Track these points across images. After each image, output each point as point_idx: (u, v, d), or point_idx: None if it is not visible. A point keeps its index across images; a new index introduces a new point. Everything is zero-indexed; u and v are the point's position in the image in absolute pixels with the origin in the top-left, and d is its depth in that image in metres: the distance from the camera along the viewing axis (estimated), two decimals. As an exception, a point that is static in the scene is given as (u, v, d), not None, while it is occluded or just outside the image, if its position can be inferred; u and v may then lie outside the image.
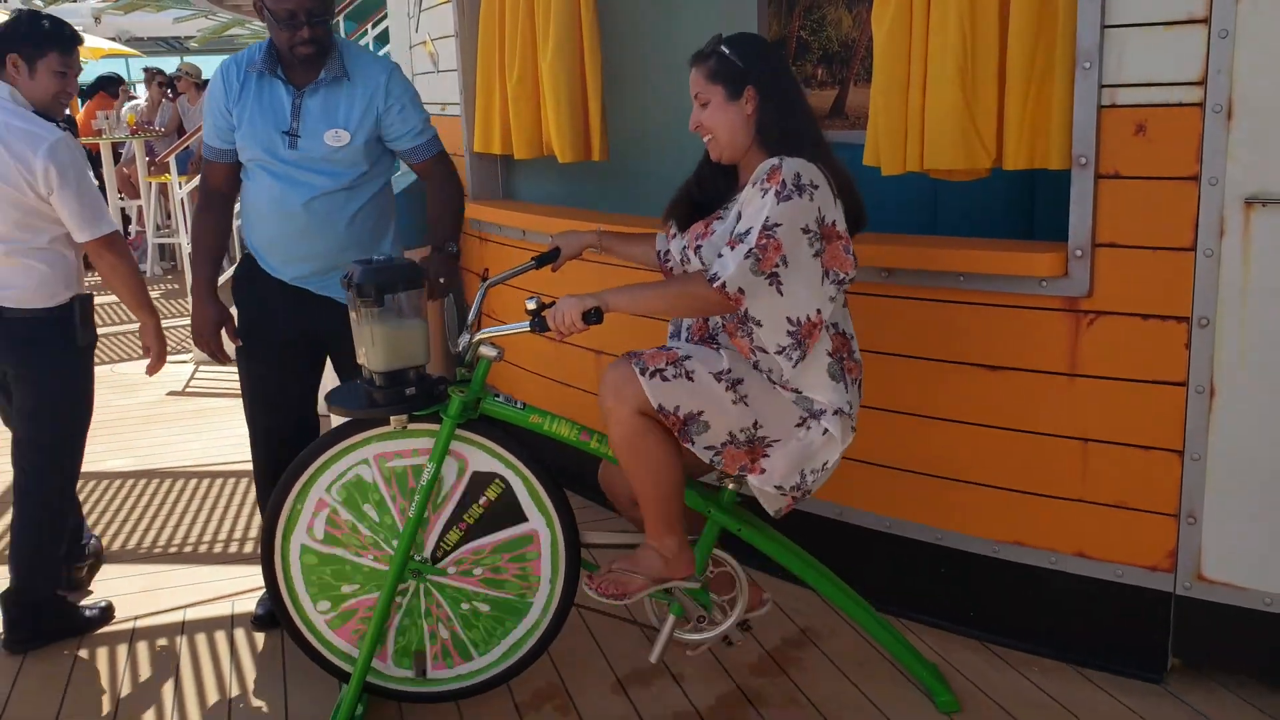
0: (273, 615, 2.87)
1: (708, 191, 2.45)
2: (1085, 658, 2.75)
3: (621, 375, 2.25)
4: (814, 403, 2.26)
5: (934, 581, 2.97)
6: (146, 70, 10.52)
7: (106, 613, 3.16)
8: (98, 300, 3.46)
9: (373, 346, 2.40)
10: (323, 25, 2.78)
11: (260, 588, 2.97)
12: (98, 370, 3.11)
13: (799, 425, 2.26)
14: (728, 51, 2.30)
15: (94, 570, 3.47)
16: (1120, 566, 2.65)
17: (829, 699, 2.66)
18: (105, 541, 3.76)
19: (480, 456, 2.50)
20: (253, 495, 4.16)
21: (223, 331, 2.98)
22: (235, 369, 3.06)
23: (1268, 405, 2.42)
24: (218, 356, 2.99)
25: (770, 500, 2.34)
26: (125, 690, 2.81)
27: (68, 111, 4.12)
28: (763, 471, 2.28)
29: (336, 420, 2.54)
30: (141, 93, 10.84)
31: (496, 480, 2.50)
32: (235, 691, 2.78)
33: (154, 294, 8.27)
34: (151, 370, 3.10)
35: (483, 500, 2.51)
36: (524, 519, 2.52)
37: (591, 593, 2.40)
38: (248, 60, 2.84)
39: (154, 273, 9.13)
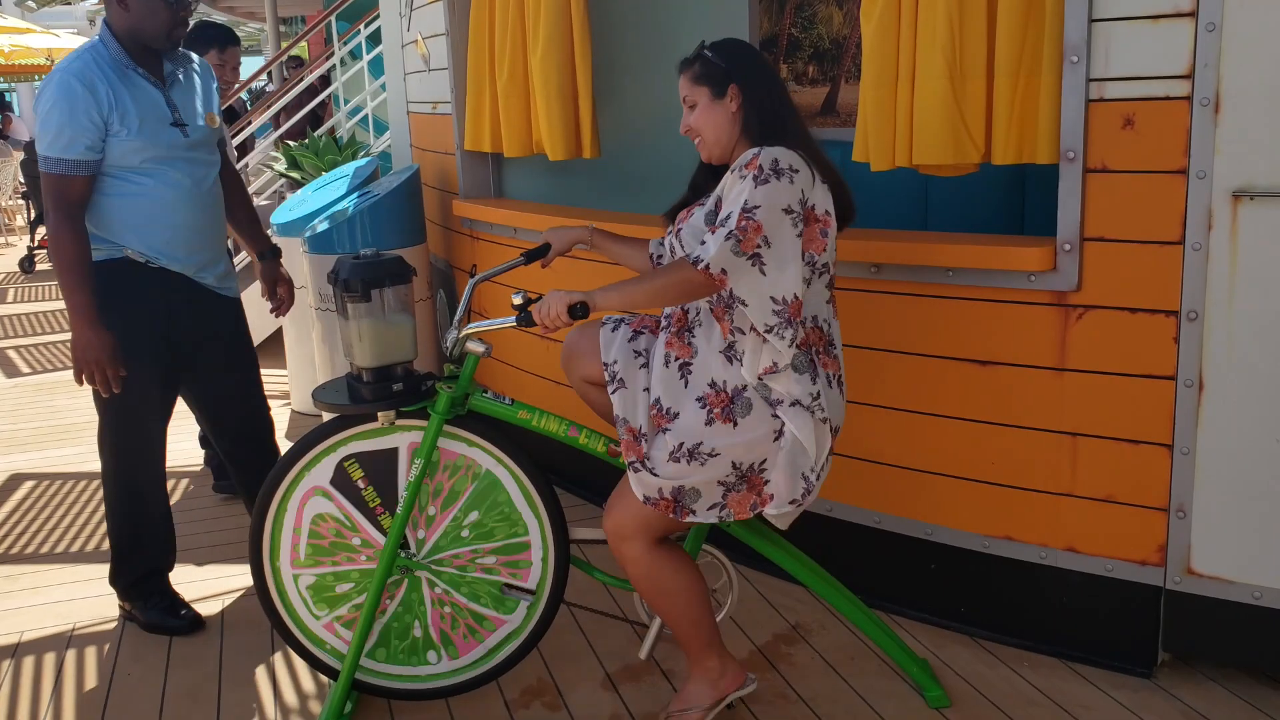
0: (193, 623, 3.05)
1: (699, 196, 2.47)
2: (1076, 652, 2.75)
3: (613, 521, 2.32)
4: (771, 391, 2.24)
5: (924, 577, 2.96)
6: None
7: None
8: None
9: (360, 342, 2.40)
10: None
11: (249, 587, 2.97)
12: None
13: (776, 439, 2.24)
14: (711, 55, 2.35)
15: None
16: (1110, 561, 2.65)
17: (819, 695, 2.66)
18: (94, 544, 3.75)
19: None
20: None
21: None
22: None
23: (1256, 398, 2.42)
24: (112, 385, 2.79)
25: (787, 518, 2.33)
26: (114, 688, 2.80)
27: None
28: (772, 498, 2.27)
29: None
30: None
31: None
32: (225, 689, 2.78)
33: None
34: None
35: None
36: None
37: None
38: (103, 64, 2.81)
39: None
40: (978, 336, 2.73)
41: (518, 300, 2.28)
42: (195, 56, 3.09)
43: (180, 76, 2.96)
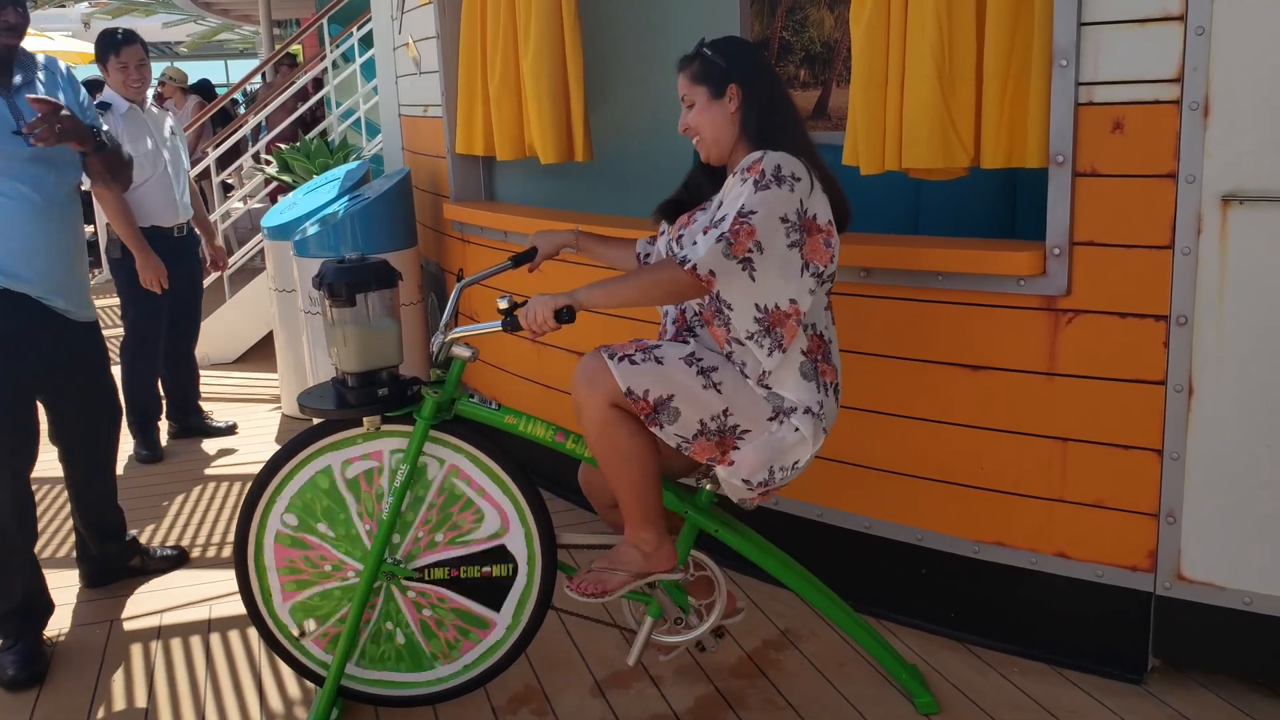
0: (29, 678, 2.78)
1: (694, 194, 2.46)
2: (1065, 658, 2.74)
3: (592, 365, 2.25)
4: (784, 400, 2.24)
5: (914, 582, 2.95)
6: None
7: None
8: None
9: (344, 347, 2.38)
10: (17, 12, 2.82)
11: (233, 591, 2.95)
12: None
13: (772, 419, 2.24)
14: (710, 53, 2.33)
15: None
16: (1100, 567, 2.64)
17: (808, 701, 2.64)
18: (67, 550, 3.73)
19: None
20: (231, 499, 4.14)
21: None
22: (220, 373, 3.01)
23: (1246, 403, 2.41)
24: None
25: (735, 491, 2.33)
26: (99, 696, 2.78)
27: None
28: (731, 463, 2.27)
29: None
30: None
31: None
32: (210, 696, 2.76)
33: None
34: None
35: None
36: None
37: (572, 593, 2.38)
38: None
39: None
40: (967, 341, 2.72)
41: (503, 305, 2.27)
42: (63, 66, 3.01)
43: (37, 84, 2.86)
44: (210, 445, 4.81)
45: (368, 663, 2.56)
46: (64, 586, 3.41)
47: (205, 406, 5.02)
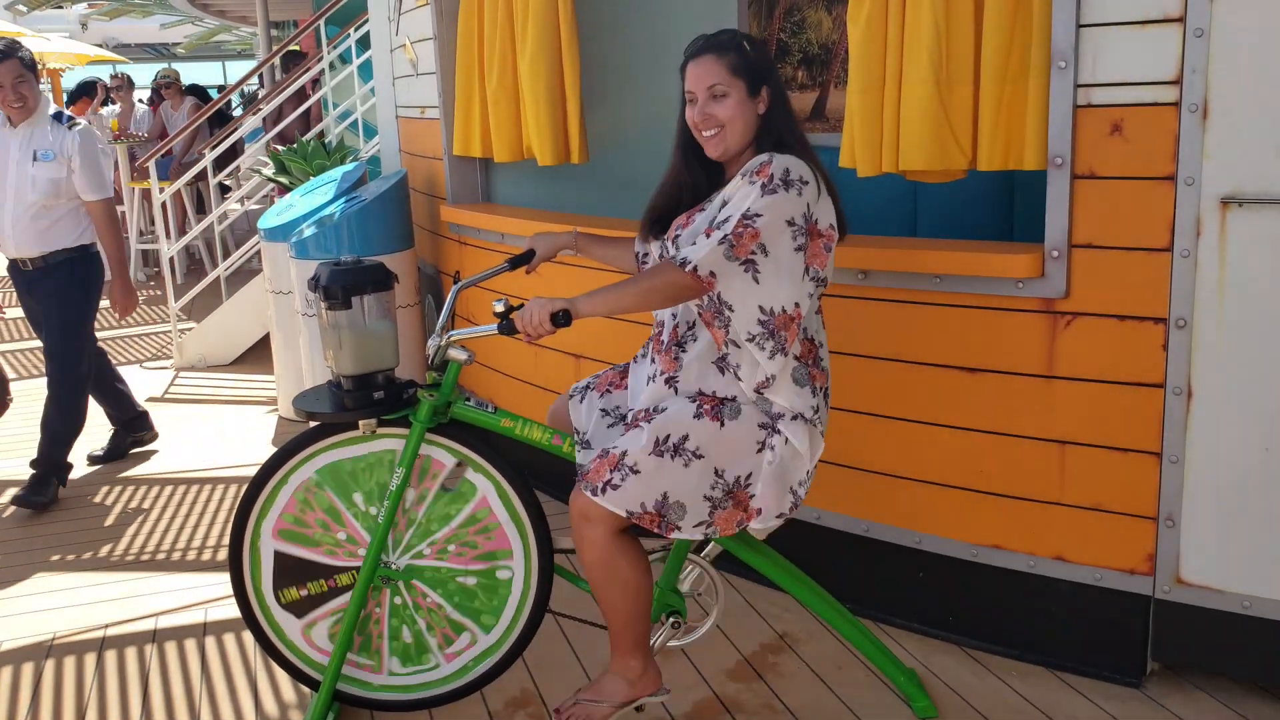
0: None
1: (690, 195, 2.39)
2: (1064, 662, 2.73)
3: (583, 507, 2.25)
4: (772, 405, 2.23)
5: (912, 586, 2.94)
6: (113, 77, 10.45)
7: None
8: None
9: (340, 350, 2.37)
10: None
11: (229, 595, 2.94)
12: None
13: (759, 451, 2.22)
14: (749, 48, 2.27)
15: None
16: (1099, 570, 2.63)
17: (806, 705, 2.63)
18: (75, 553, 3.73)
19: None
20: (227, 502, 4.13)
21: None
22: (217, 375, 2.97)
23: (1245, 406, 2.40)
24: None
25: (769, 530, 2.29)
26: (93, 700, 2.77)
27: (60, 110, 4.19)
28: (759, 512, 2.24)
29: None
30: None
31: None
32: (205, 700, 2.75)
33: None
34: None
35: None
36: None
37: None
38: None
39: (136, 278, 9.08)
40: (966, 343, 2.71)
41: (499, 307, 2.26)
42: None
43: None
44: (205, 447, 4.79)
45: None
46: (59, 589, 3.40)
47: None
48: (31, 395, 5.64)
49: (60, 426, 4.19)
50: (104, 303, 4.36)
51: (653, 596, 2.36)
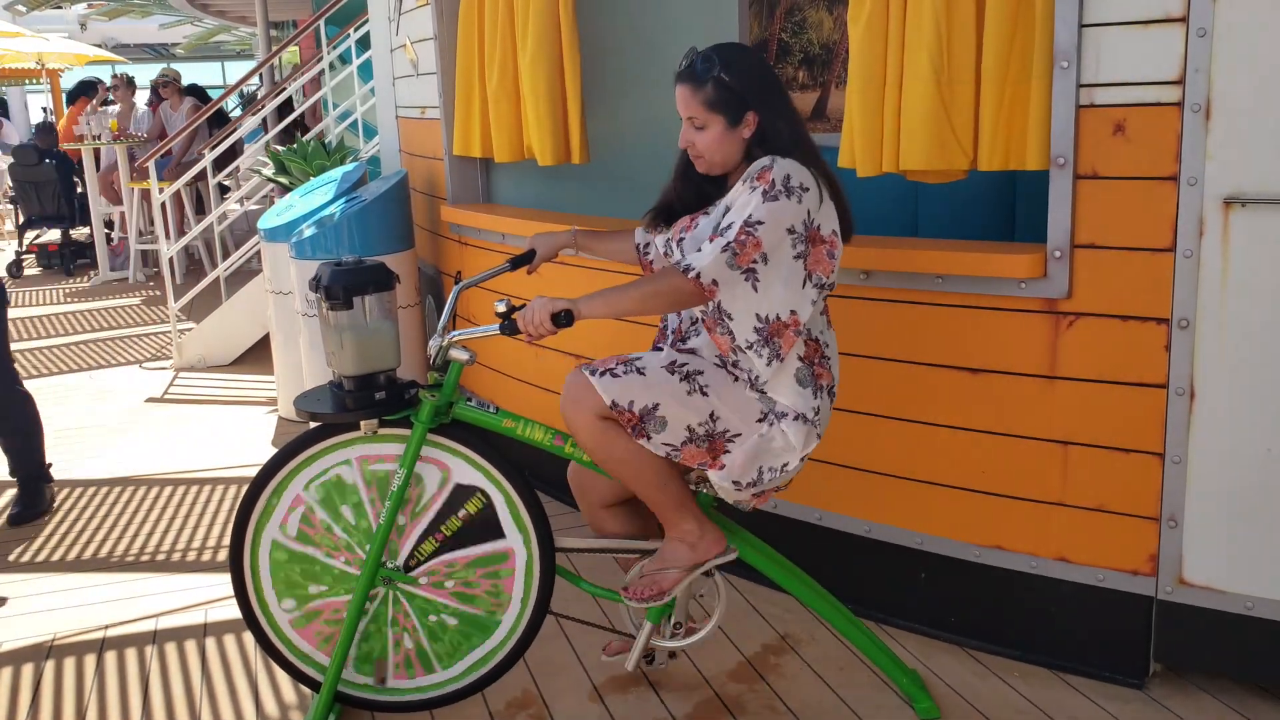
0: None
1: (689, 200, 2.41)
2: (1066, 663, 2.73)
3: (574, 384, 2.25)
4: (776, 404, 2.23)
5: (914, 586, 2.94)
6: (114, 77, 10.44)
7: None
8: (83, 307, 3.45)
9: (341, 350, 2.37)
10: None
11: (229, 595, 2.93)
12: (76, 377, 3.06)
13: (760, 420, 2.23)
14: (727, 79, 2.21)
15: None
16: (1101, 571, 2.62)
17: (808, 706, 2.63)
18: (79, 549, 3.72)
19: (455, 462, 2.46)
20: (227, 503, 4.12)
21: None
22: (217, 376, 2.92)
23: (1248, 407, 2.40)
24: None
25: (725, 493, 2.32)
26: (93, 701, 2.76)
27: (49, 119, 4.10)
28: (722, 467, 2.26)
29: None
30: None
31: (478, 494, 2.46)
32: (206, 701, 2.74)
33: (135, 300, 8.23)
34: None
35: (461, 513, 2.46)
36: (501, 534, 2.47)
37: (631, 603, 2.39)
38: None
39: (136, 279, 9.07)
40: (968, 344, 2.71)
41: (501, 308, 2.25)
42: None
43: None
44: (205, 448, 4.79)
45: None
46: (58, 590, 3.40)
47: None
48: (36, 394, 5.63)
49: (16, 435, 4.09)
50: (101, 303, 4.31)
51: (668, 462, 2.30)
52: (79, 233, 10.13)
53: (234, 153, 8.24)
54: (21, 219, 10.09)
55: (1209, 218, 2.36)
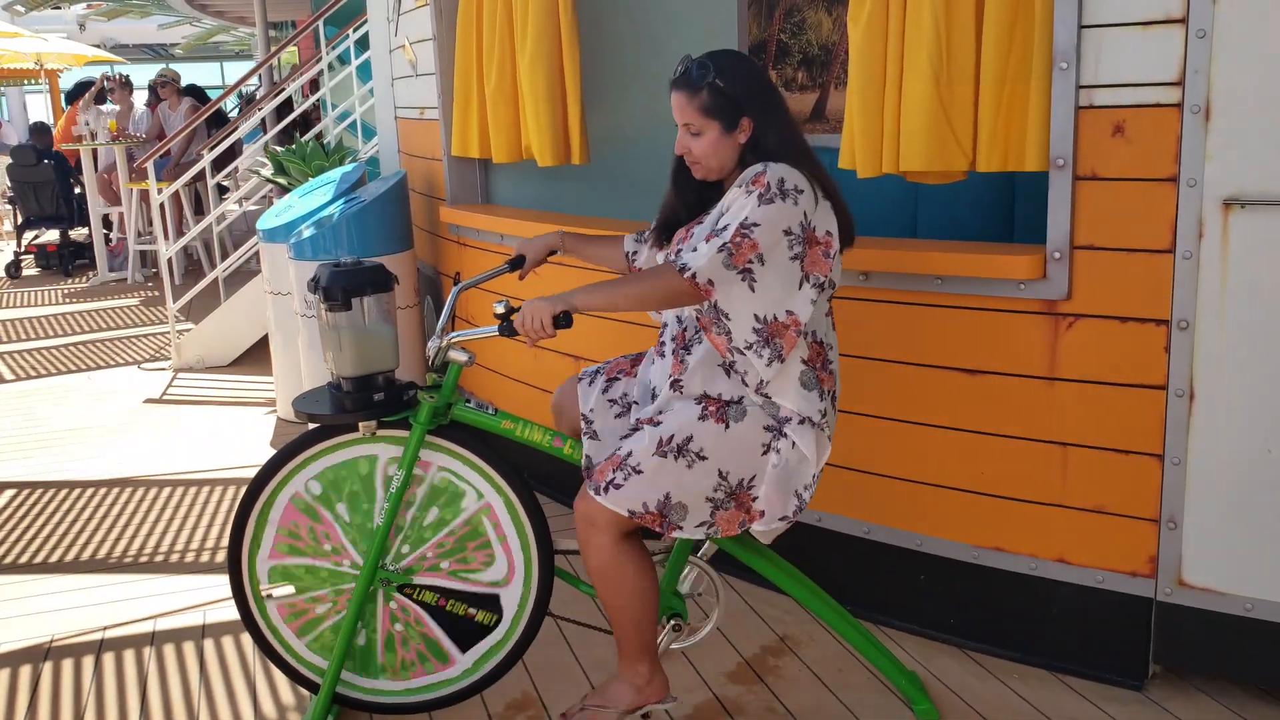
0: None
1: (691, 207, 2.40)
2: (1066, 664, 2.72)
3: (587, 509, 2.25)
4: (780, 408, 2.22)
5: (913, 588, 2.93)
6: (111, 77, 10.43)
7: None
8: (82, 308, 3.43)
9: (340, 351, 2.36)
10: None
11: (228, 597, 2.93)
12: (75, 378, 3.05)
13: (765, 453, 2.21)
14: (722, 85, 2.22)
15: None
16: (1101, 572, 2.62)
17: (807, 708, 2.62)
18: (74, 554, 3.71)
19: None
20: (226, 504, 4.12)
21: None
22: (215, 376, 2.92)
23: (1248, 408, 2.39)
24: None
25: (773, 534, 2.29)
26: (91, 703, 2.75)
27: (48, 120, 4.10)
28: (762, 514, 2.23)
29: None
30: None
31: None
32: (204, 703, 2.73)
33: (134, 301, 8.23)
34: None
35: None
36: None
37: None
38: None
39: (134, 279, 9.07)
40: (967, 345, 2.70)
41: (500, 309, 2.25)
42: None
43: None
44: (203, 448, 4.78)
45: (368, 669, 2.54)
46: (56, 591, 3.39)
47: None
48: (31, 395, 5.64)
49: None
50: (100, 304, 4.30)
51: (657, 603, 2.35)
52: (77, 233, 10.12)
53: (233, 153, 8.23)
54: (20, 219, 10.08)
55: (1208, 219, 2.36)
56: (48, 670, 2.92)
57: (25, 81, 15.33)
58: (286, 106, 8.89)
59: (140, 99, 10.55)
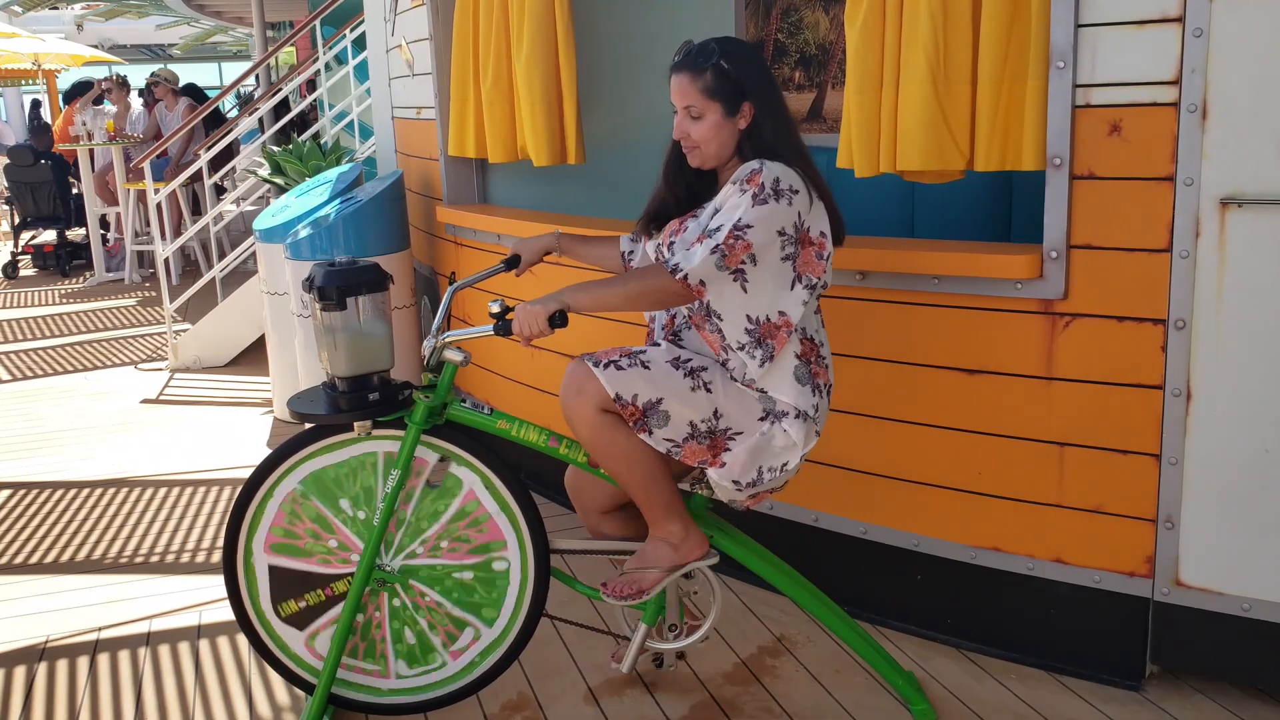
0: None
1: (682, 200, 2.40)
2: (1063, 665, 2.72)
3: (577, 373, 2.23)
4: (776, 403, 2.23)
5: (911, 588, 2.93)
6: (106, 79, 10.42)
7: None
8: (79, 308, 3.42)
9: (335, 351, 2.36)
10: None
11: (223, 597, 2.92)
12: (72, 378, 3.05)
13: (762, 419, 2.23)
14: (726, 65, 2.22)
15: None
16: (1098, 572, 2.62)
17: (804, 708, 2.62)
18: (70, 554, 3.70)
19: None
20: (222, 504, 4.11)
21: None
22: (212, 377, 2.91)
23: (1245, 408, 2.39)
24: None
25: (724, 493, 2.31)
26: (86, 704, 2.75)
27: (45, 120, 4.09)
28: (723, 465, 2.25)
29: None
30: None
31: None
32: (199, 703, 2.73)
33: (131, 301, 8.22)
34: None
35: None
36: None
37: (610, 600, 2.37)
38: None
39: (132, 279, 9.06)
40: (964, 345, 2.70)
41: (495, 308, 2.25)
42: None
43: None
44: (200, 449, 4.77)
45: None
46: (52, 591, 3.38)
47: None
48: (28, 395, 5.63)
49: None
50: (97, 304, 4.30)
51: (666, 462, 2.29)
52: (75, 234, 10.11)
53: (230, 153, 8.23)
54: (17, 220, 10.07)
55: (1205, 218, 2.36)
56: (43, 670, 2.91)
57: (23, 82, 15.31)
58: (284, 106, 8.88)
59: (137, 99, 10.55)
